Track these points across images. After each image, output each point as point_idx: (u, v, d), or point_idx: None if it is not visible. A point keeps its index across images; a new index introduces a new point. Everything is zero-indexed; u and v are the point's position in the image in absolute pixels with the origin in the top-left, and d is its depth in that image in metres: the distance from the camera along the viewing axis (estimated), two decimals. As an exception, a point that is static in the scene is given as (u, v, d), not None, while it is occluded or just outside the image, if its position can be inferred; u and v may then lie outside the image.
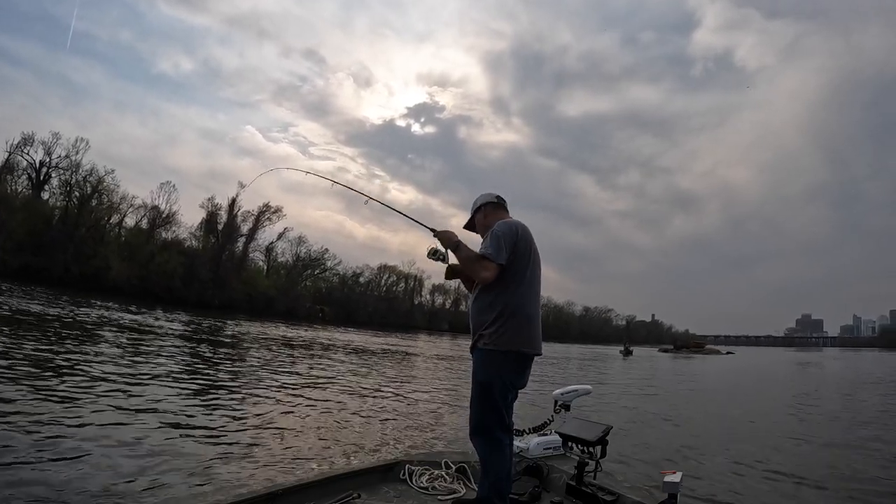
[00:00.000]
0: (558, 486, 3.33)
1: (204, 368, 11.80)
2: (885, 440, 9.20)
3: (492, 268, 2.63)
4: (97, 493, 3.97)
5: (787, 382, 24.53)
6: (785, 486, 6.10)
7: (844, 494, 5.87)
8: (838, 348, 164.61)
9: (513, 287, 2.71)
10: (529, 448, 3.70)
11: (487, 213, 2.99)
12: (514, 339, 2.67)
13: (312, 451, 5.94)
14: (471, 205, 3.11)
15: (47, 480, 4.07)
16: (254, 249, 65.94)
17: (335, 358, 18.98)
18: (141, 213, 56.52)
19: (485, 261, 2.64)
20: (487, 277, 2.64)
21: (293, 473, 4.86)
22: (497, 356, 2.66)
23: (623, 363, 37.41)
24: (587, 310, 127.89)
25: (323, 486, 2.92)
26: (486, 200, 3.03)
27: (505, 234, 2.70)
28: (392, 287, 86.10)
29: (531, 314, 2.76)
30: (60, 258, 44.59)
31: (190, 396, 8.38)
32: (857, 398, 17.38)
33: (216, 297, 54.75)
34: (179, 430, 6.15)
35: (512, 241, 2.70)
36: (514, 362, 2.70)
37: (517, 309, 2.70)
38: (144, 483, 4.31)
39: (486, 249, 2.67)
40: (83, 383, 7.98)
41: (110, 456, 4.85)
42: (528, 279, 2.78)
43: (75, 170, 49.89)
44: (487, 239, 2.73)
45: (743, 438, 9.00)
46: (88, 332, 15.67)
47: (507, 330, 2.66)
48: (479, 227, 3.02)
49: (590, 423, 3.46)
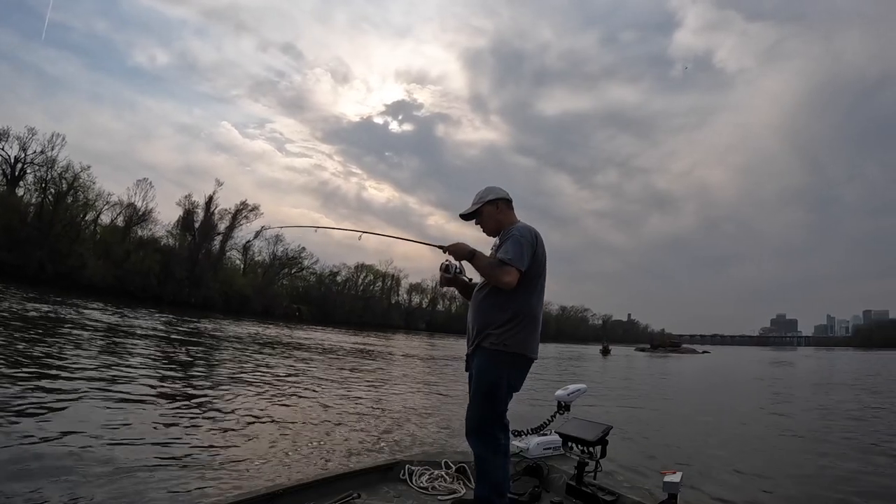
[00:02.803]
0: (558, 486, 3.36)
1: (185, 369, 11.90)
2: (863, 434, 9.67)
3: (514, 273, 2.60)
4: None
5: (769, 380, 25.22)
6: (782, 483, 6.20)
7: (841, 489, 6.05)
8: (812, 347, 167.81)
9: (528, 292, 2.73)
10: (529, 448, 3.75)
11: (501, 209, 2.92)
12: (523, 343, 2.72)
13: (310, 451, 5.95)
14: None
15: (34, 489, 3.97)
16: (230, 248, 66.31)
17: (319, 358, 19.28)
18: (117, 210, 56.42)
19: (507, 266, 2.61)
20: (510, 282, 2.60)
21: (292, 474, 4.91)
22: (505, 357, 2.69)
23: (603, 362, 37.92)
24: (564, 309, 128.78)
25: (323, 486, 2.97)
26: (501, 196, 2.93)
27: (527, 240, 2.71)
28: (369, 286, 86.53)
29: (539, 320, 2.82)
30: (35, 256, 44.63)
31: (178, 397, 8.41)
32: (834, 395, 17.86)
33: (192, 295, 55.17)
34: (170, 431, 6.17)
35: (532, 248, 2.71)
36: (519, 365, 2.76)
37: (528, 313, 2.74)
38: (139, 486, 4.28)
39: (506, 254, 2.64)
40: (50, 386, 7.82)
41: (92, 461, 4.75)
42: (540, 287, 2.82)
43: (51, 166, 49.68)
44: (508, 243, 2.69)
45: (737, 437, 9.28)
46: (60, 332, 15.63)
47: (518, 332, 2.70)
48: (489, 220, 2.93)
49: (590, 423, 3.52)
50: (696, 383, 23.68)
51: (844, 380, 25.71)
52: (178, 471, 4.74)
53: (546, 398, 12.23)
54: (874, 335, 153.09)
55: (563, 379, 19.27)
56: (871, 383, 23.24)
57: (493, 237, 2.94)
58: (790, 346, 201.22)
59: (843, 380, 25.78)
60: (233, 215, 63.88)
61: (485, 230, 2.95)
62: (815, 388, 20.46)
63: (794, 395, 17.86)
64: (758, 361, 49.19)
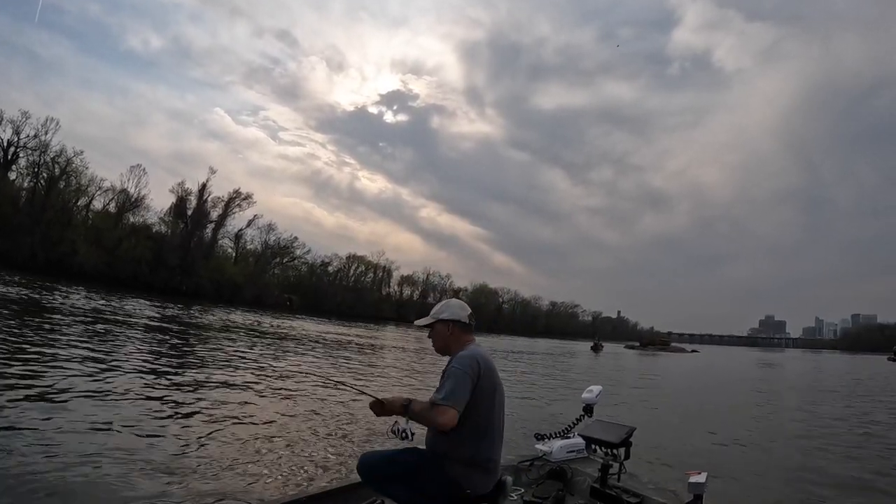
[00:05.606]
0: (582, 489, 3.30)
1: (174, 361, 11.79)
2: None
3: (450, 412, 2.39)
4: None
5: (757, 381, 25.81)
6: (807, 484, 6.34)
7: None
8: (800, 349, 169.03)
9: (474, 429, 2.51)
10: (553, 452, 3.67)
11: (453, 331, 2.71)
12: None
13: (318, 458, 5.74)
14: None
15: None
16: (223, 236, 66.62)
17: (309, 350, 19.30)
18: (109, 196, 56.38)
19: (441, 406, 2.40)
20: (446, 423, 2.40)
21: (301, 482, 4.84)
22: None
23: (595, 359, 38.14)
24: (554, 304, 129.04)
25: (345, 493, 2.91)
26: (455, 316, 2.71)
27: (463, 372, 2.48)
28: (360, 277, 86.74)
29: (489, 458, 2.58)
30: (27, 242, 44.73)
31: (168, 388, 8.35)
32: (828, 398, 18.48)
33: (184, 283, 55.59)
34: (156, 431, 6.00)
35: (472, 381, 2.48)
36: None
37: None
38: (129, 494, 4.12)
39: (439, 394, 2.45)
40: (32, 377, 7.76)
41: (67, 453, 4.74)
42: (486, 423, 2.55)
43: (44, 150, 49.62)
44: (444, 381, 2.51)
45: (755, 436, 9.51)
46: (47, 319, 15.58)
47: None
48: (437, 339, 2.75)
49: (613, 425, 3.51)
50: (690, 382, 24.16)
51: (834, 384, 26.07)
52: (141, 477, 4.48)
53: (541, 396, 12.91)
54: (861, 339, 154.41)
55: (557, 377, 19.93)
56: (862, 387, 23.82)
57: (440, 355, 2.76)
58: (778, 347, 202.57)
59: (833, 384, 26.12)
60: (226, 203, 64.26)
61: (434, 346, 2.78)
62: (804, 392, 20.87)
63: (783, 397, 18.37)
64: (747, 362, 49.79)
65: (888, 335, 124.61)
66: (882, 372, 38.31)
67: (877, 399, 18.41)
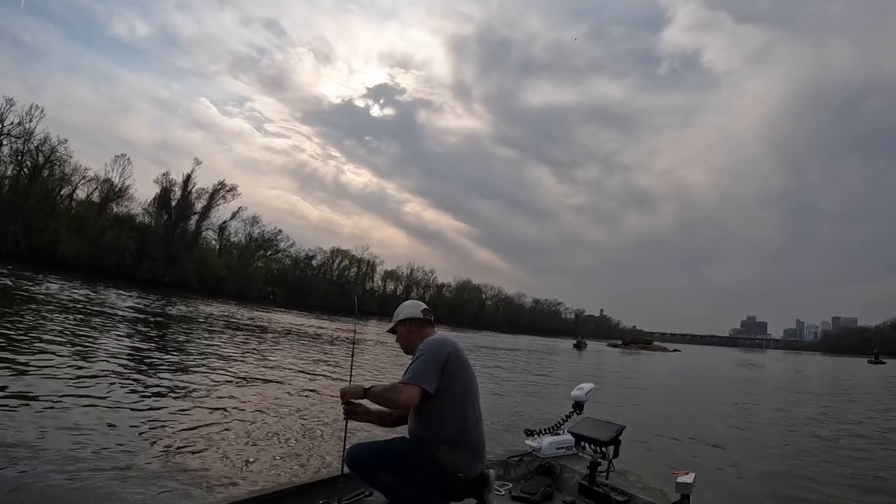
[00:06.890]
0: (570, 486, 3.36)
1: (155, 354, 11.65)
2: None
3: (411, 389, 2.44)
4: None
5: (739, 381, 26.15)
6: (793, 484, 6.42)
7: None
8: (781, 351, 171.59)
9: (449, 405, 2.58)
10: (542, 448, 3.73)
11: (412, 329, 2.83)
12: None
13: (304, 450, 5.77)
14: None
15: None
16: (206, 228, 66.07)
17: (288, 343, 19.34)
18: (93, 185, 55.82)
19: (401, 385, 2.48)
20: (406, 401, 2.47)
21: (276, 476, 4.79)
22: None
23: (579, 357, 38.38)
24: (537, 302, 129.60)
25: (333, 484, 2.91)
26: (410, 315, 2.84)
27: (429, 354, 2.56)
28: (344, 271, 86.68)
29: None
30: (10, 230, 44.29)
31: (151, 383, 8.29)
32: (810, 398, 18.79)
33: (167, 274, 55.40)
34: (143, 426, 5.90)
35: (440, 363, 2.55)
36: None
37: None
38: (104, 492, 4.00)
39: (405, 375, 2.54)
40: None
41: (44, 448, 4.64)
42: (461, 400, 2.61)
43: (28, 138, 48.85)
44: (410, 366, 2.58)
45: (741, 436, 9.63)
46: (25, 309, 15.31)
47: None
48: (401, 340, 2.85)
49: (602, 423, 3.50)
50: (673, 380, 24.67)
51: (814, 385, 26.31)
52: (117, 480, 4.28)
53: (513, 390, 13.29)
54: (842, 341, 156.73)
55: (540, 373, 20.14)
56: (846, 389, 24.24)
57: (408, 355, 2.80)
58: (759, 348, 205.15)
59: (813, 385, 26.33)
60: (210, 195, 63.78)
61: (402, 348, 2.87)
62: (786, 393, 21.01)
63: (766, 398, 18.67)
64: (729, 362, 50.39)
65: (868, 338, 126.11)
66: (861, 374, 38.64)
67: (855, 400, 18.74)
